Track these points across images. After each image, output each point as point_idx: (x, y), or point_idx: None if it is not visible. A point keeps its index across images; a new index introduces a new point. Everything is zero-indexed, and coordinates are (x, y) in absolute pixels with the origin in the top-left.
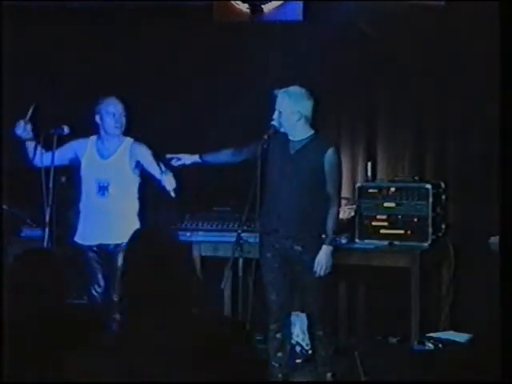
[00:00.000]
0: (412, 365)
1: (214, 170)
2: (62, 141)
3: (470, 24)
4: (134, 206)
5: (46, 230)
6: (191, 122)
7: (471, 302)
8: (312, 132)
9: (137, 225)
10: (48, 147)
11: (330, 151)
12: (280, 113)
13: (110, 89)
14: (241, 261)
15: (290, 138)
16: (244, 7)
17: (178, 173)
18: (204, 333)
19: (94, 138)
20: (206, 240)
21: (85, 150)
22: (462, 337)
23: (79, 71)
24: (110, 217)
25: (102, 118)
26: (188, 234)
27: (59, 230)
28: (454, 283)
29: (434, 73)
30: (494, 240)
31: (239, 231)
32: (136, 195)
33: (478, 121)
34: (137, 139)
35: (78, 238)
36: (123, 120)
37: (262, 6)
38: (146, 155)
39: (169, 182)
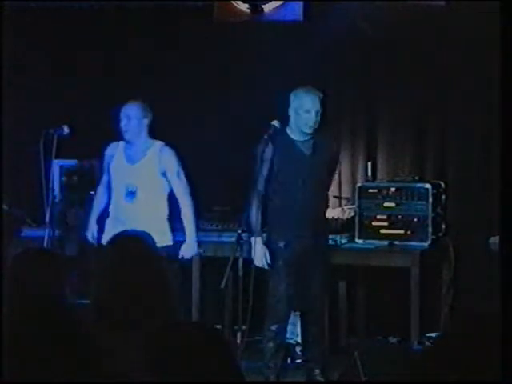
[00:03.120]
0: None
1: (213, 170)
2: (62, 141)
3: (470, 24)
4: (164, 211)
5: (46, 230)
6: (191, 122)
7: (471, 301)
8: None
9: (167, 230)
10: (48, 147)
11: (334, 143)
12: (317, 113)
13: (109, 89)
14: (241, 261)
15: (295, 137)
16: (244, 7)
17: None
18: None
19: (123, 142)
20: (206, 240)
21: (114, 153)
22: None
23: (79, 71)
24: (138, 222)
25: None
26: None
27: (63, 229)
28: (453, 283)
29: (434, 73)
30: (494, 240)
31: (239, 231)
32: (166, 201)
33: (478, 121)
34: (167, 144)
35: (104, 241)
36: (133, 124)
37: (262, 6)
38: (172, 167)
39: (187, 211)
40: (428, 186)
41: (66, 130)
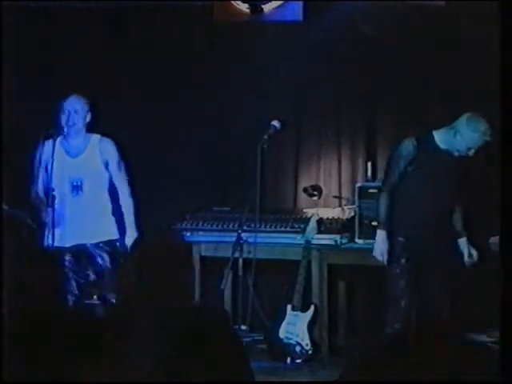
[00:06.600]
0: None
1: (214, 170)
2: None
3: (470, 24)
4: (108, 204)
5: (46, 230)
6: (191, 122)
7: (471, 301)
8: None
9: (112, 224)
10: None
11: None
12: (473, 152)
13: (109, 89)
14: (241, 261)
15: (442, 146)
16: (244, 7)
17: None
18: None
19: (58, 138)
20: (206, 240)
21: (53, 150)
22: None
23: (79, 71)
24: (86, 215)
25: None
26: (188, 233)
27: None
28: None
29: (433, 73)
30: (494, 240)
31: (239, 231)
32: (108, 195)
33: None
34: (103, 135)
35: (55, 242)
36: (77, 117)
37: (262, 6)
38: (113, 157)
39: (126, 202)
40: None
41: (66, 129)
